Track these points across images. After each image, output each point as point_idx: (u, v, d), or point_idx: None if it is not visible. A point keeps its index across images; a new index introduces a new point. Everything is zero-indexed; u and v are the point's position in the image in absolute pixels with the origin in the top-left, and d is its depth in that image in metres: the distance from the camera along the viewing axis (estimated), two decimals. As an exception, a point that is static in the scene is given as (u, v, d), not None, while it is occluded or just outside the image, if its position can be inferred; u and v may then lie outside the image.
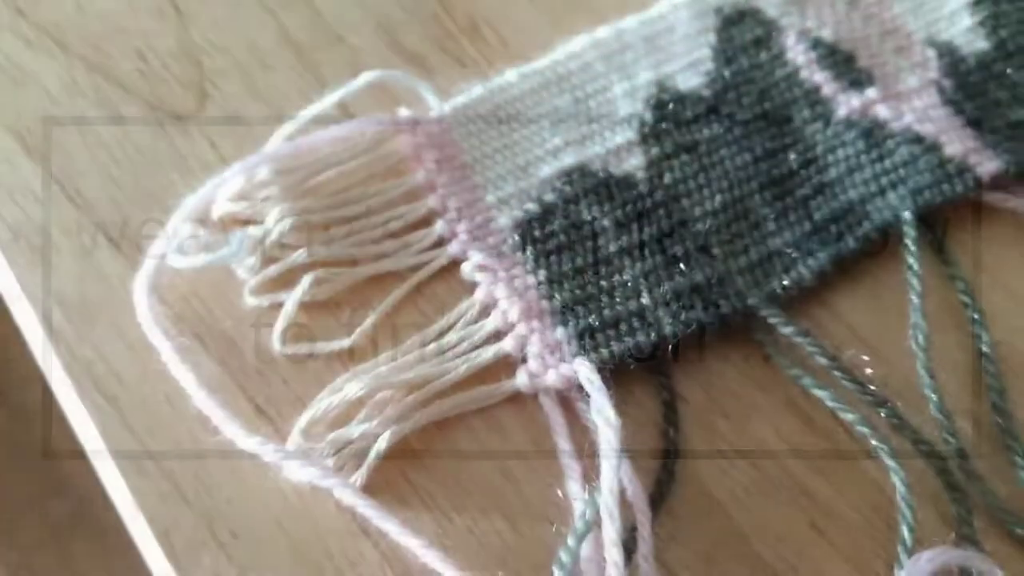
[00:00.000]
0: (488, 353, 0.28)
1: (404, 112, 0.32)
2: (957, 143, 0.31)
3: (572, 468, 0.26)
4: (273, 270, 0.28)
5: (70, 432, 0.28)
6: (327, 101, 0.31)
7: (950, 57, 0.33)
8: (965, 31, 0.34)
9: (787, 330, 0.28)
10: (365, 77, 0.32)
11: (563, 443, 0.27)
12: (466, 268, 0.29)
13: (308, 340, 0.28)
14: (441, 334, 0.28)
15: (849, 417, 0.27)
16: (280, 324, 0.28)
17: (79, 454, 0.27)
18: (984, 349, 0.29)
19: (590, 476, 0.26)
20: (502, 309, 0.28)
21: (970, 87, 0.32)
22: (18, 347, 0.29)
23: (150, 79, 0.32)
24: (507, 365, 0.28)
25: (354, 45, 0.34)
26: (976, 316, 0.29)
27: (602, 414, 0.25)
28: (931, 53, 0.33)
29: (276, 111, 0.32)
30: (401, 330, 0.28)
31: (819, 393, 0.28)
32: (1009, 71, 0.33)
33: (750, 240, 0.30)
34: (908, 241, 0.29)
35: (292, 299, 0.28)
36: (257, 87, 0.32)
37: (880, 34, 0.34)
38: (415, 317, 0.29)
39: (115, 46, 0.33)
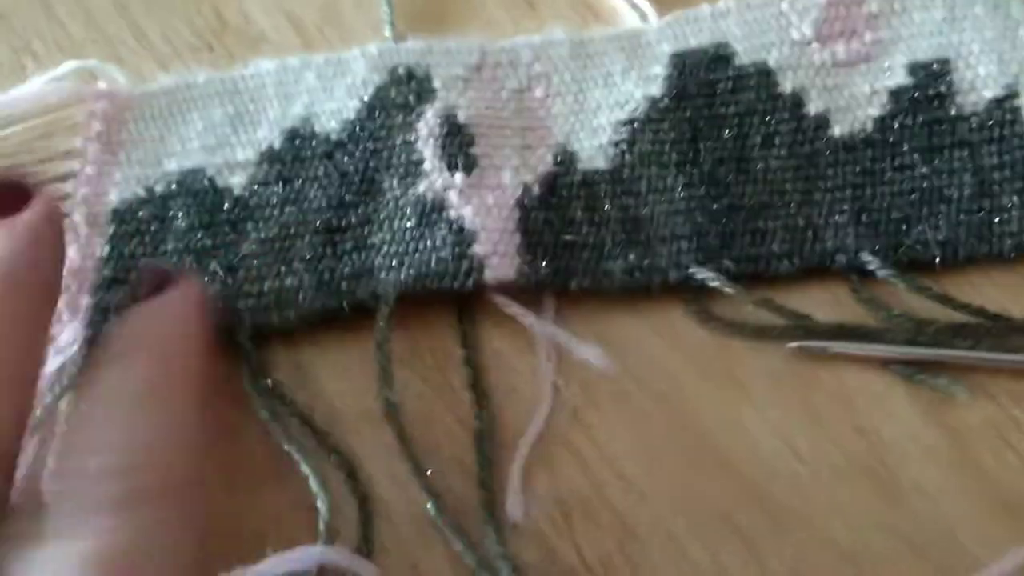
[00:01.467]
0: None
1: (100, 86, 0.37)
2: (489, 242, 0.31)
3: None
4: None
5: None
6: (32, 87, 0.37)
7: (561, 166, 0.33)
8: (596, 147, 0.33)
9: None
10: (67, 65, 0.37)
11: None
12: (66, 223, 0.34)
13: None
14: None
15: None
16: None
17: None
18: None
19: None
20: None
21: (552, 198, 0.33)
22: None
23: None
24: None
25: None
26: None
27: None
28: (549, 158, 0.33)
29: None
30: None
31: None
32: (602, 195, 0.32)
33: (279, 272, 0.32)
34: (380, 318, 0.31)
35: None
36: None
37: (521, 128, 0.34)
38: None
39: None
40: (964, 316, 0.30)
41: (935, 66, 0.33)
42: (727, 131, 0.33)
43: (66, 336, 0.32)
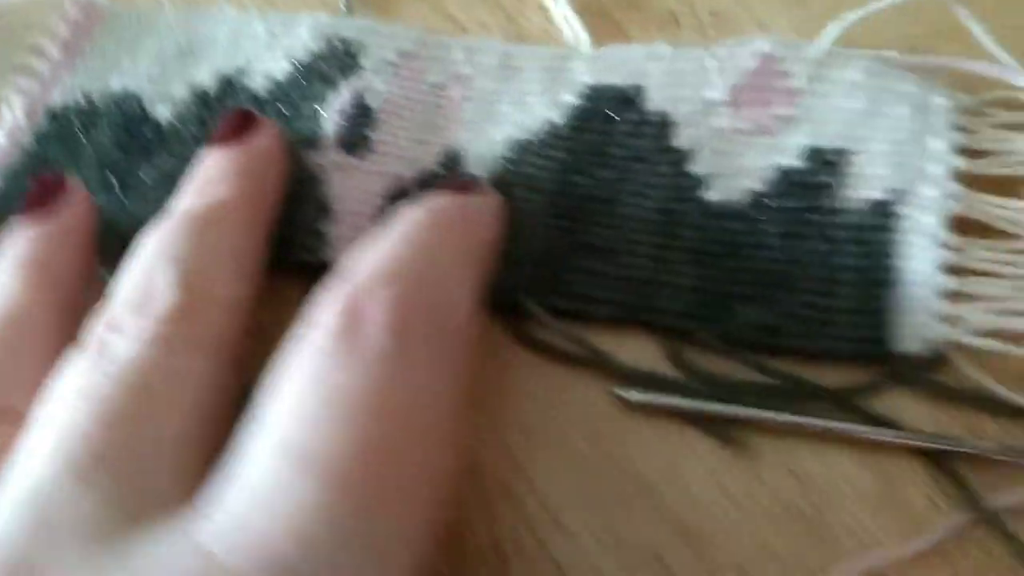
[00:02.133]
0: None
1: (78, -2, 0.40)
2: (350, 228, 0.33)
3: None
4: None
5: None
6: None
7: (444, 168, 0.35)
8: (483, 157, 0.35)
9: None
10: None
11: None
12: (4, 113, 0.38)
13: None
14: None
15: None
16: None
17: None
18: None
19: None
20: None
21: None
22: None
23: None
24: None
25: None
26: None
27: None
28: (435, 156, 0.35)
29: None
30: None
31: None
32: None
33: (166, 200, 0.35)
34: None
35: None
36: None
37: (423, 122, 0.35)
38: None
39: None
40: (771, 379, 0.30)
41: (831, 155, 0.33)
42: (606, 171, 0.33)
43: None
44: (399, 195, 0.34)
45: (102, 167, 0.36)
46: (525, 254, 0.32)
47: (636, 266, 0.32)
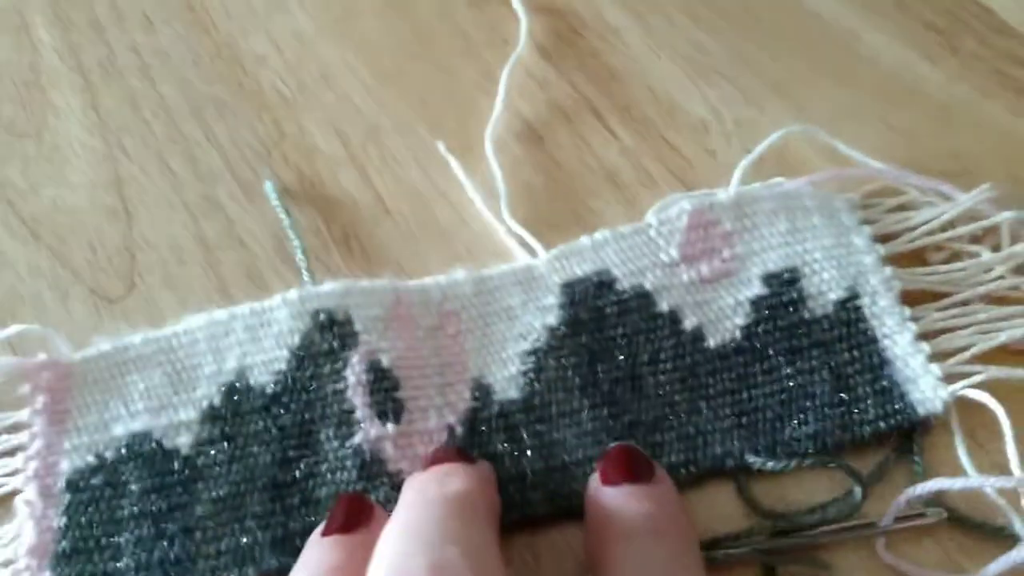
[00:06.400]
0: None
1: (41, 357, 0.39)
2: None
3: None
4: None
5: None
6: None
7: (480, 401, 0.37)
8: (507, 378, 0.38)
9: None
10: (9, 330, 0.40)
11: None
12: (18, 500, 0.37)
13: None
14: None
15: None
16: None
17: None
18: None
19: None
20: (21, 542, 0.36)
21: (475, 436, 0.36)
22: None
23: (94, 268, 0.43)
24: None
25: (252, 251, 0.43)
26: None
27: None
28: (467, 394, 0.38)
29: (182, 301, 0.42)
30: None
31: None
32: (518, 424, 0.37)
33: (233, 531, 0.35)
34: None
35: None
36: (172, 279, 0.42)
37: (439, 366, 0.38)
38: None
39: (74, 238, 0.44)
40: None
41: (785, 275, 0.39)
42: (618, 352, 0.38)
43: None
44: (459, 443, 0.36)
45: (146, 518, 0.36)
46: (583, 455, 0.36)
47: (683, 425, 0.36)
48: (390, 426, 0.36)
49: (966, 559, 0.34)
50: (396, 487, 0.35)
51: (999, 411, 0.35)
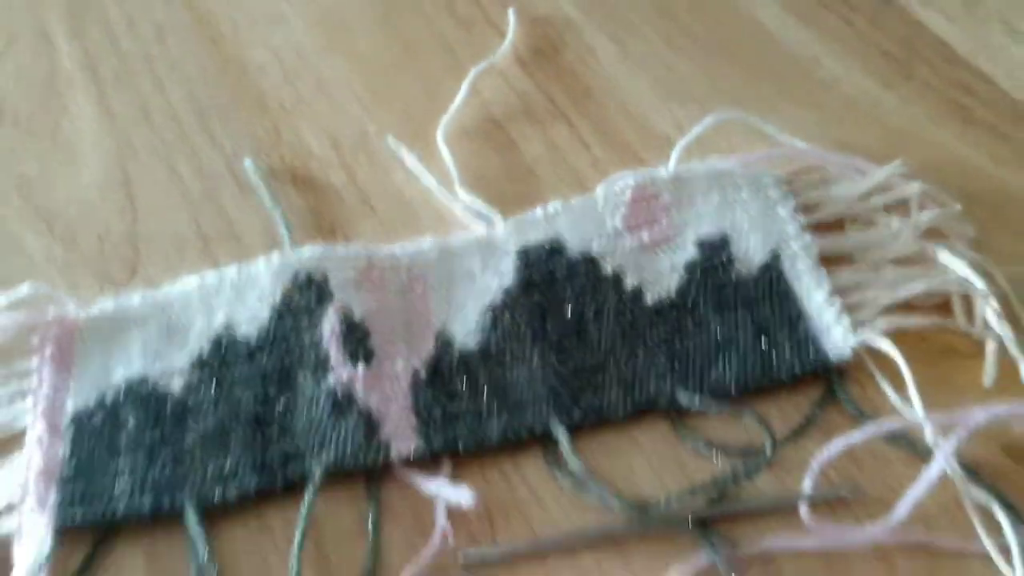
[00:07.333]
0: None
1: (51, 313, 0.44)
2: (392, 425, 0.40)
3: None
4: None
5: None
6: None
7: (442, 350, 0.42)
8: (467, 331, 0.42)
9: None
10: (23, 289, 0.45)
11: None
12: (30, 435, 0.41)
13: None
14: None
15: None
16: None
17: None
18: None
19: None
20: (31, 468, 0.40)
21: (438, 378, 0.41)
22: None
23: (101, 257, 0.48)
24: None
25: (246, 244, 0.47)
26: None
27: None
28: (431, 343, 0.42)
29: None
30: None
31: None
32: (476, 369, 0.41)
33: (218, 456, 0.40)
34: (307, 492, 0.38)
35: None
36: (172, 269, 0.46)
37: (406, 320, 0.43)
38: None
39: (84, 230, 0.48)
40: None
41: (716, 241, 0.44)
42: (566, 308, 0.42)
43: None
44: (422, 384, 0.41)
45: (141, 448, 0.40)
46: (533, 395, 0.40)
47: (621, 371, 0.41)
48: (360, 367, 0.40)
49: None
50: (365, 421, 0.39)
51: (899, 357, 0.39)
